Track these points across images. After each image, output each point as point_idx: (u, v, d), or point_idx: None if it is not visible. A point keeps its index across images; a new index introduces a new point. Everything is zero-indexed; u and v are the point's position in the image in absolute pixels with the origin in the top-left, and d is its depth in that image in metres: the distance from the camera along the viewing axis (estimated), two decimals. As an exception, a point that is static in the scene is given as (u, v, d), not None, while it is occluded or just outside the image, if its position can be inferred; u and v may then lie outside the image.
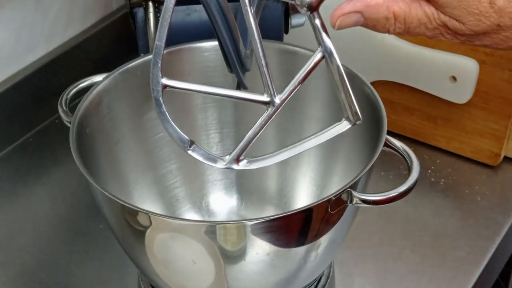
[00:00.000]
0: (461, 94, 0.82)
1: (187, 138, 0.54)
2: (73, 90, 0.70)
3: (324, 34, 0.50)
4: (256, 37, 0.50)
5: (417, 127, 0.88)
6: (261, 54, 0.51)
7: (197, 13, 0.79)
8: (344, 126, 0.54)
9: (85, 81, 0.71)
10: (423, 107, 0.87)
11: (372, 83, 0.68)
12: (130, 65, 0.71)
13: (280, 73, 0.73)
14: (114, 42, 1.02)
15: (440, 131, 0.87)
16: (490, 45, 0.51)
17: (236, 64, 0.60)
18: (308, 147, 0.55)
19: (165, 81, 0.52)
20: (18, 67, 0.92)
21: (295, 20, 0.80)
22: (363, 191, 0.59)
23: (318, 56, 0.51)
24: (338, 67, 0.51)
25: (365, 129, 0.67)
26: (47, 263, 0.77)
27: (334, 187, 0.68)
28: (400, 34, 0.52)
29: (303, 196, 0.76)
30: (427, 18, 0.50)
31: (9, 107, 0.90)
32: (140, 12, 0.79)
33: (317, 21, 0.50)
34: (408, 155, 0.63)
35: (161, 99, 0.52)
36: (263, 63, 0.51)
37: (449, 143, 0.87)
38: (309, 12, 0.49)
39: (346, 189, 0.58)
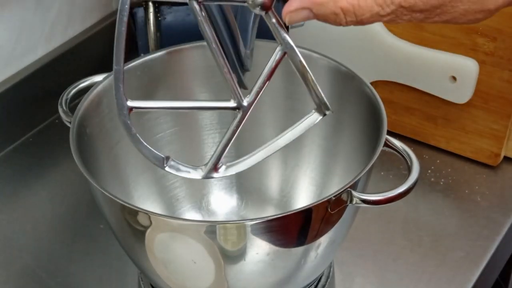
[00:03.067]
0: (461, 94, 0.82)
1: (162, 155, 0.54)
2: (73, 90, 0.70)
3: (282, 31, 0.50)
4: (214, 45, 0.50)
5: (417, 127, 0.88)
6: (222, 62, 0.51)
7: (197, 13, 0.79)
8: (315, 117, 0.53)
9: (85, 81, 0.71)
10: (423, 107, 0.87)
11: (372, 83, 0.68)
12: (130, 65, 0.71)
13: (280, 73, 0.73)
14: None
15: (440, 131, 0.87)
16: (449, 20, 0.49)
17: (236, 64, 0.60)
18: (284, 144, 0.54)
19: (130, 103, 0.52)
20: (18, 67, 0.92)
21: None
22: (363, 191, 0.59)
23: (279, 54, 0.51)
24: (300, 61, 0.51)
25: (365, 129, 0.67)
26: (47, 263, 0.77)
27: (334, 187, 0.68)
28: (355, 25, 0.50)
29: (303, 196, 0.76)
30: (379, 7, 0.48)
31: (9, 107, 0.90)
32: (140, 12, 0.79)
33: (273, 20, 0.49)
34: (408, 155, 0.63)
35: (129, 122, 0.52)
36: (226, 70, 0.51)
37: (449, 143, 0.87)
38: (264, 12, 0.49)
39: (346, 189, 0.58)
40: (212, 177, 0.55)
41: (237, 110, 0.52)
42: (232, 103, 0.52)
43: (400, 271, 0.75)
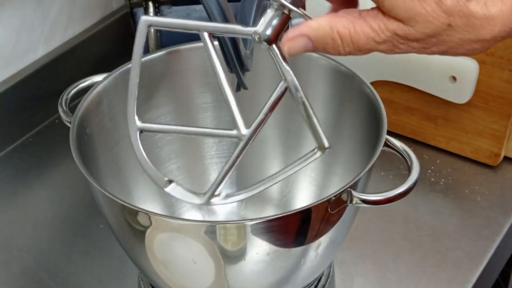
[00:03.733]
0: (461, 94, 0.82)
1: (165, 178, 0.56)
2: (73, 90, 0.70)
3: (285, 66, 0.50)
4: (220, 75, 0.51)
5: (417, 127, 0.88)
6: (226, 92, 0.51)
7: (197, 13, 0.79)
8: (317, 155, 0.54)
9: (85, 81, 0.71)
10: (423, 107, 0.87)
11: (372, 83, 0.68)
12: (130, 65, 0.70)
13: (280, 74, 0.73)
14: (114, 42, 1.02)
15: (440, 131, 0.87)
16: (447, 50, 0.50)
17: (236, 64, 0.60)
18: (283, 178, 0.55)
19: (140, 125, 0.54)
20: (18, 67, 0.92)
21: (295, 20, 0.80)
22: (363, 191, 0.59)
23: (282, 88, 0.51)
24: (301, 98, 0.51)
25: (365, 129, 0.67)
26: (47, 263, 0.77)
27: (334, 187, 0.68)
28: (352, 54, 0.51)
29: (303, 196, 0.76)
30: (375, 32, 0.49)
31: (9, 107, 0.90)
32: (140, 12, 0.79)
33: (277, 53, 0.50)
34: (408, 155, 0.63)
35: (139, 143, 0.54)
36: (230, 100, 0.51)
37: (449, 143, 0.87)
38: (267, 46, 0.49)
39: (346, 189, 0.58)
40: (212, 204, 0.56)
41: (239, 139, 0.53)
42: (234, 132, 0.52)
43: (400, 271, 0.75)
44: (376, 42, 0.49)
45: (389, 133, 0.63)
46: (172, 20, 0.50)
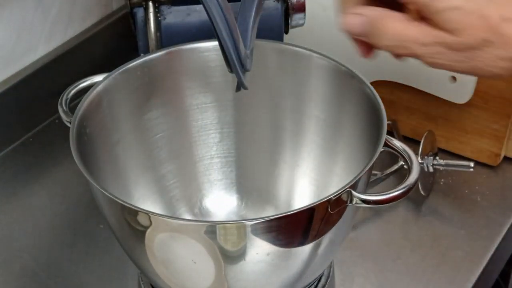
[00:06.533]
0: (461, 94, 0.82)
1: None
2: (73, 90, 0.70)
3: None
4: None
5: (417, 127, 0.88)
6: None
7: (197, 13, 0.79)
8: None
9: (85, 81, 0.71)
10: (423, 107, 0.86)
11: (372, 83, 0.68)
12: (130, 65, 0.71)
13: (280, 73, 0.73)
14: (114, 42, 1.02)
15: (440, 131, 0.87)
16: (482, 67, 0.54)
17: (236, 64, 0.60)
18: None
19: None
20: (18, 67, 0.92)
21: (295, 20, 0.80)
22: (363, 191, 0.59)
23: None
24: None
25: (365, 129, 0.67)
26: (47, 263, 0.77)
27: (334, 187, 0.68)
28: (389, 50, 0.56)
29: (303, 196, 0.76)
30: (423, 35, 0.54)
31: (9, 107, 0.90)
32: (140, 12, 0.79)
33: None
34: (408, 155, 0.63)
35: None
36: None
37: (449, 143, 0.87)
38: None
39: (346, 189, 0.58)
40: None
41: None
42: None
43: (400, 271, 0.75)
44: (421, 44, 0.54)
45: (389, 133, 0.63)
46: None
